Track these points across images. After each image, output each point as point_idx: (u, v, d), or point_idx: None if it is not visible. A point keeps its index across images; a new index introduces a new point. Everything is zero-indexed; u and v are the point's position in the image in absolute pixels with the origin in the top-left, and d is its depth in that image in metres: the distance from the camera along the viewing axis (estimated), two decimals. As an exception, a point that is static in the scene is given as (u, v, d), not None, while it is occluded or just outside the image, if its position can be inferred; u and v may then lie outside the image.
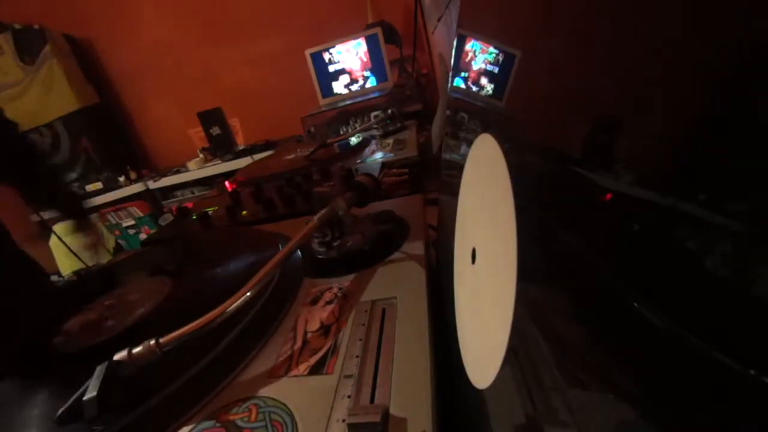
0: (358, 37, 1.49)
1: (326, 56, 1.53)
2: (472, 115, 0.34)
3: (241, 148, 2.17)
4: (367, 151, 0.83)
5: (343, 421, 0.21)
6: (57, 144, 2.28)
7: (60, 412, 0.25)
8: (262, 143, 2.18)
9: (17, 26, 2.11)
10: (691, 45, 0.10)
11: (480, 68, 0.30)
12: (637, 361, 0.10)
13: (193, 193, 2.29)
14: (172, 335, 0.26)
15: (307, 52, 1.55)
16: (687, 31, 0.10)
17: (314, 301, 0.34)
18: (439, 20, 0.99)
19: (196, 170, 2.19)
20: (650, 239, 0.11)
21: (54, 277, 1.17)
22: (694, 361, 0.08)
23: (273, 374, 0.27)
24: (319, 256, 0.39)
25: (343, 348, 0.27)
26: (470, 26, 0.37)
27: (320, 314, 0.32)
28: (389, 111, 0.96)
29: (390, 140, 0.87)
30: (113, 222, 2.32)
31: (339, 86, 1.55)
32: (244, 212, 0.63)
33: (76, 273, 0.73)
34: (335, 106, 1.36)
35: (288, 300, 0.35)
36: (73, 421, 0.25)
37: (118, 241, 2.34)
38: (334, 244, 0.39)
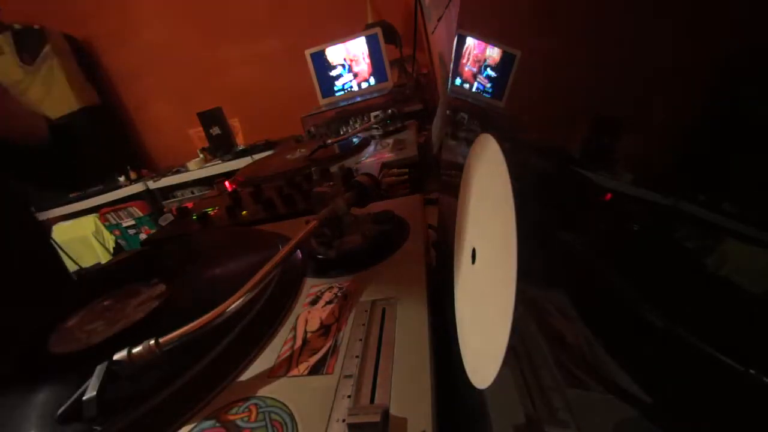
0: (358, 37, 1.49)
1: (327, 57, 1.53)
2: (472, 115, 0.34)
3: (241, 148, 2.17)
4: (367, 151, 0.83)
5: (343, 421, 0.21)
6: (57, 144, 2.27)
7: (60, 411, 0.25)
8: (262, 143, 2.18)
9: (17, 26, 2.11)
10: (690, 44, 0.10)
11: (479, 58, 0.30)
12: (636, 360, 0.10)
13: (193, 193, 2.29)
14: (171, 335, 0.26)
15: (307, 52, 1.55)
16: (687, 31, 0.10)
17: (314, 301, 0.34)
18: (439, 20, 0.99)
19: (196, 170, 2.19)
20: (650, 239, 0.11)
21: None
22: (694, 361, 0.08)
23: (273, 374, 0.27)
24: (319, 256, 0.39)
25: (343, 348, 0.27)
26: (470, 26, 0.37)
27: (320, 314, 0.32)
28: (389, 111, 0.96)
29: (390, 140, 0.87)
30: (113, 222, 2.32)
31: (339, 86, 1.55)
32: (244, 212, 0.63)
33: (76, 273, 0.73)
34: (335, 106, 1.36)
35: (288, 300, 0.35)
36: (73, 420, 0.25)
37: (118, 241, 2.34)
38: (334, 244, 0.39)
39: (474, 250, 0.26)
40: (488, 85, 0.28)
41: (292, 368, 0.27)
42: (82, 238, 2.23)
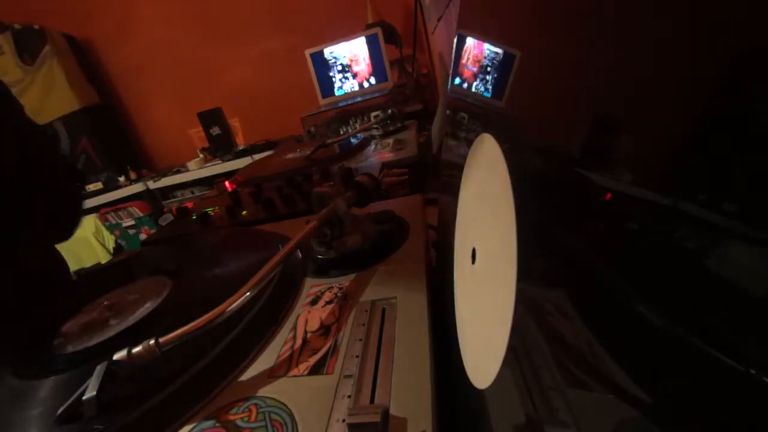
0: (358, 37, 1.49)
1: (327, 56, 1.53)
2: (472, 115, 0.34)
3: (241, 148, 2.17)
4: (367, 151, 0.83)
5: (343, 421, 0.21)
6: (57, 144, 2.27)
7: (60, 411, 0.25)
8: (262, 143, 2.18)
9: (17, 26, 2.11)
10: (690, 44, 0.10)
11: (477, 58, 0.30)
12: (636, 360, 0.10)
13: (193, 193, 2.29)
14: (171, 335, 0.26)
15: (307, 52, 1.55)
16: (687, 31, 0.10)
17: (314, 301, 0.34)
18: (439, 20, 0.99)
19: (196, 170, 2.19)
20: (650, 239, 0.11)
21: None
22: (694, 361, 0.08)
23: (273, 374, 0.27)
24: (319, 256, 0.39)
25: (343, 348, 0.27)
26: (470, 26, 0.37)
27: (320, 314, 0.32)
28: (389, 111, 0.96)
29: (390, 140, 0.87)
30: (113, 222, 2.32)
31: (339, 85, 1.55)
32: (244, 212, 0.63)
33: (76, 273, 0.73)
34: (335, 106, 1.36)
35: (288, 300, 0.35)
36: (73, 420, 0.25)
37: (118, 241, 2.34)
38: (334, 244, 0.39)
39: (474, 250, 0.26)
40: (488, 85, 0.28)
41: (292, 368, 0.27)
42: (82, 239, 2.23)
